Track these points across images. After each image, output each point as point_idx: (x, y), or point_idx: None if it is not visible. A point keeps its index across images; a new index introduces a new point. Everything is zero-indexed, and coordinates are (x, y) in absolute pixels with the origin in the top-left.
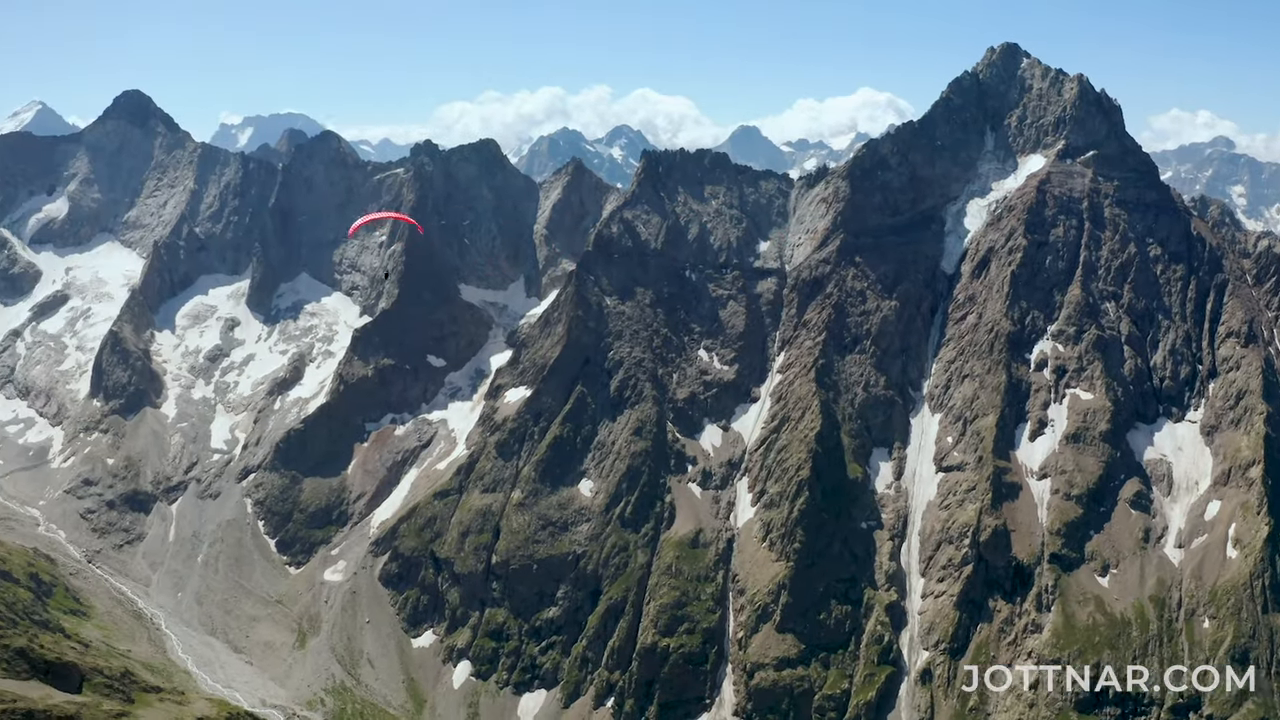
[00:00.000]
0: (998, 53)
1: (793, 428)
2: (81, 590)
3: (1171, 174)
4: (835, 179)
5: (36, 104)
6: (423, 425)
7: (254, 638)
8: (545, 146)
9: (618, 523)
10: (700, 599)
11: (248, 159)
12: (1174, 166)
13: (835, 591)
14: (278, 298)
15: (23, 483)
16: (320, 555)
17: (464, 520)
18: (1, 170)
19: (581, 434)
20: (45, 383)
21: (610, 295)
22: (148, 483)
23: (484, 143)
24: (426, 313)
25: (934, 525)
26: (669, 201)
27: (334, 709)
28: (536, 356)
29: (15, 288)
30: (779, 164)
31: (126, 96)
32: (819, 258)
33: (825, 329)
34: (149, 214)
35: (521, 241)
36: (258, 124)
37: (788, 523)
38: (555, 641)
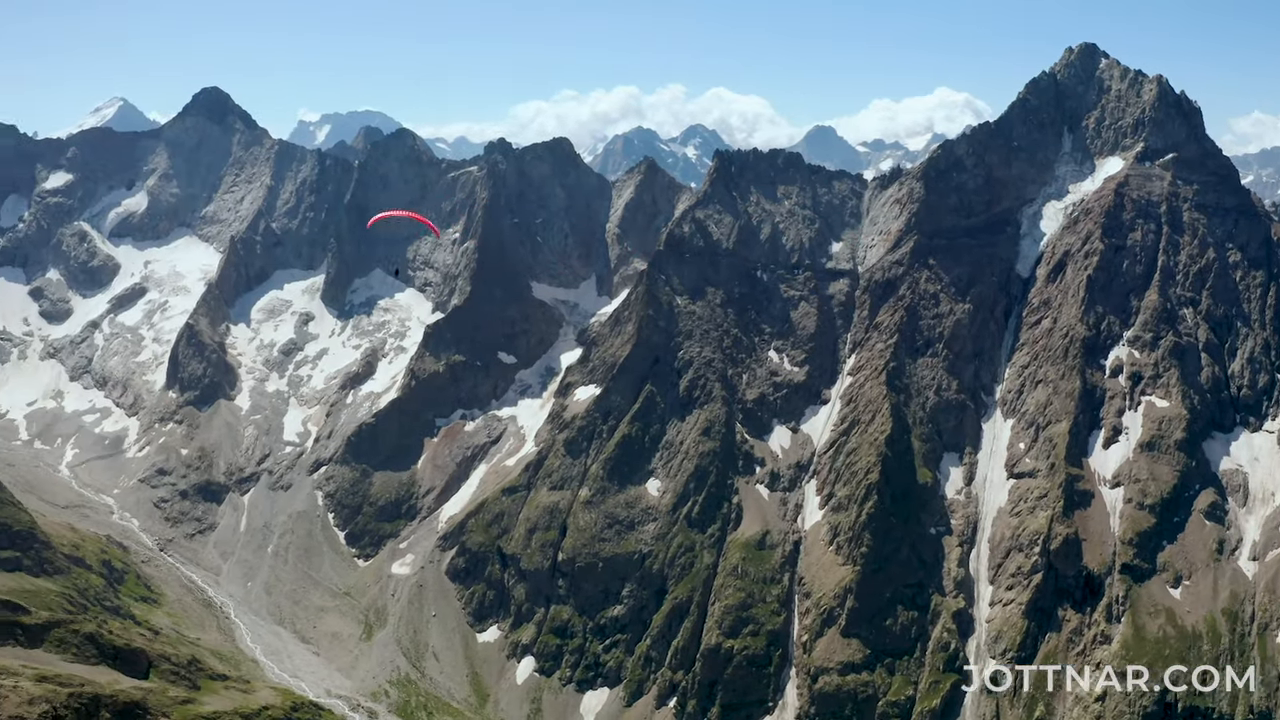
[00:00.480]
0: (1076, 53)
1: (862, 431)
2: (153, 578)
3: (1253, 178)
4: (910, 180)
5: (118, 100)
6: (492, 421)
7: (321, 628)
8: (620, 146)
9: (684, 523)
10: (765, 601)
11: (324, 156)
12: (1255, 171)
13: (902, 597)
14: (352, 293)
15: (98, 471)
16: (388, 548)
17: (531, 517)
18: (82, 165)
19: (650, 433)
20: (122, 373)
21: (681, 295)
22: (220, 473)
23: (557, 141)
24: (498, 310)
25: (1004, 532)
26: (741, 201)
27: (398, 701)
28: (606, 355)
29: (95, 280)
30: (854, 164)
31: (205, 94)
32: (892, 259)
33: (897, 331)
34: (226, 209)
35: (593, 240)
36: (335, 121)
37: (855, 526)
38: (619, 640)
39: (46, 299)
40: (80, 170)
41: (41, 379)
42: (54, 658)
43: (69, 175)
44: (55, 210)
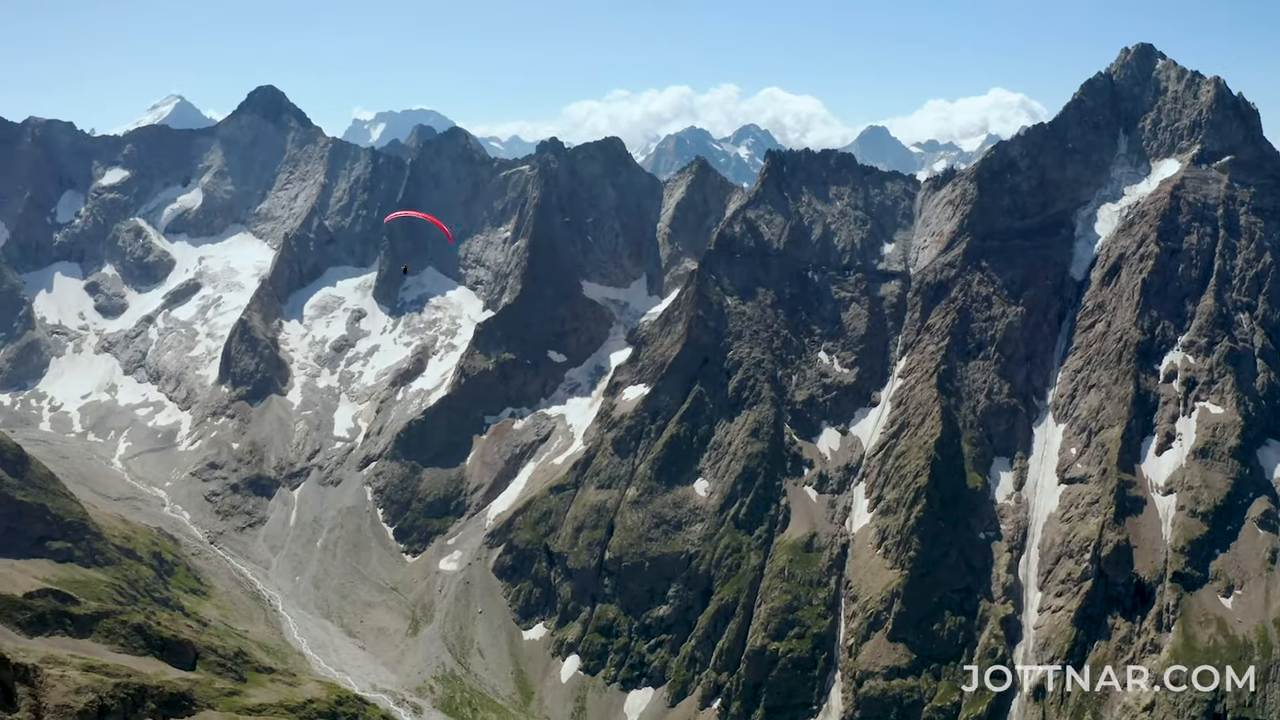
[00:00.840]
0: (1132, 54)
1: (912, 434)
2: (203, 570)
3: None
4: (963, 181)
5: (175, 98)
6: (541, 420)
7: (368, 623)
8: (672, 145)
9: (731, 524)
10: (812, 604)
11: (377, 154)
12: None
13: (950, 602)
14: (403, 290)
15: (150, 464)
16: (436, 544)
17: (579, 515)
18: (139, 162)
19: (698, 433)
20: (175, 368)
21: (731, 295)
22: (271, 468)
23: (609, 141)
24: (548, 308)
25: (1054, 538)
26: (793, 201)
27: (443, 696)
28: (656, 355)
29: (150, 275)
30: (908, 165)
31: (260, 92)
32: (944, 261)
33: (949, 334)
34: (280, 206)
35: (644, 239)
36: (390, 120)
37: (904, 530)
38: (664, 640)
39: (102, 294)
40: (136, 167)
41: (96, 373)
42: (102, 648)
43: (125, 172)
44: (111, 206)
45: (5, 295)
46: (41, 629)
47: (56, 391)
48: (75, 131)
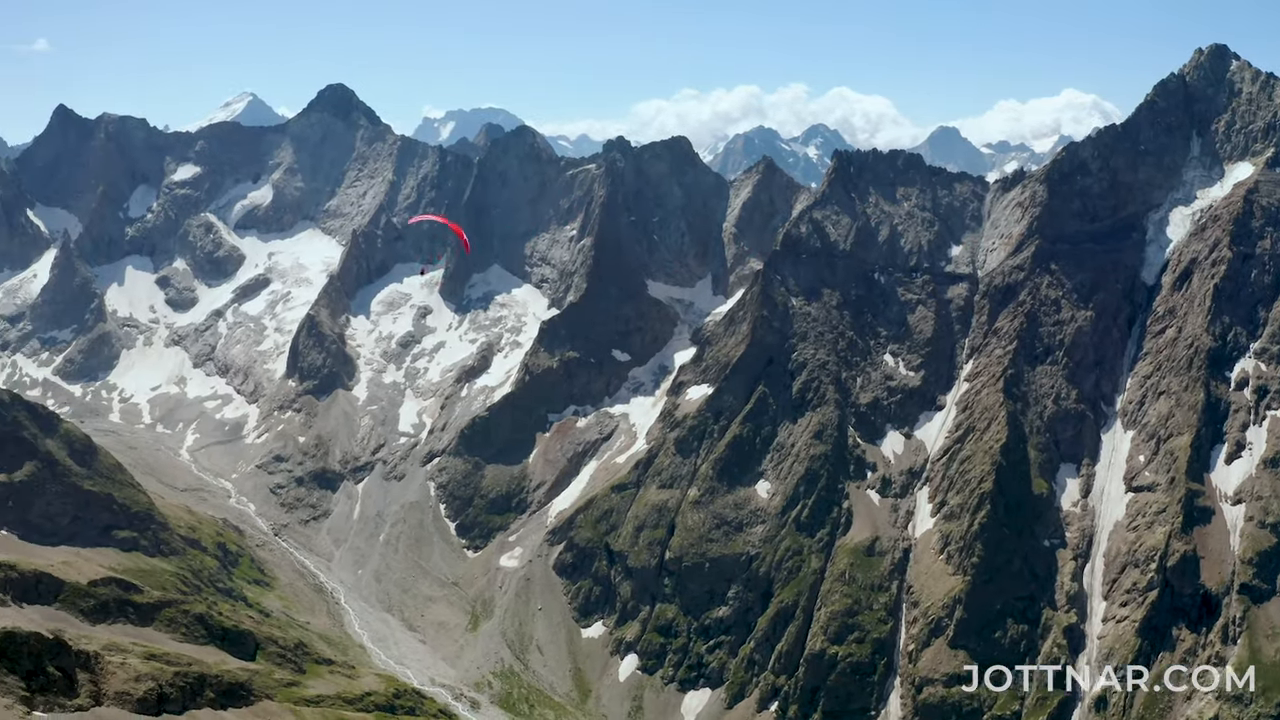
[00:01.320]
0: (1206, 55)
1: (978, 438)
2: (266, 562)
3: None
4: (1032, 183)
5: (247, 95)
6: (604, 418)
7: (428, 617)
8: (740, 145)
9: (793, 526)
10: (872, 608)
11: (445, 152)
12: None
13: (1012, 610)
14: (469, 288)
15: (217, 456)
16: (498, 541)
17: (640, 515)
18: (210, 158)
19: (761, 434)
20: (244, 361)
21: (796, 296)
22: (336, 462)
23: (675, 140)
24: (613, 307)
25: (1120, 547)
26: (860, 202)
27: (500, 692)
28: (720, 355)
29: (220, 270)
30: (979, 166)
31: (330, 90)
32: (1013, 264)
33: (1016, 338)
34: (349, 203)
35: (710, 239)
36: (459, 118)
37: (967, 536)
38: (723, 641)
39: (173, 287)
40: (208, 163)
41: (166, 365)
42: (164, 636)
43: (197, 168)
44: (183, 201)
45: (78, 288)
46: (104, 617)
47: (127, 383)
48: (148, 128)
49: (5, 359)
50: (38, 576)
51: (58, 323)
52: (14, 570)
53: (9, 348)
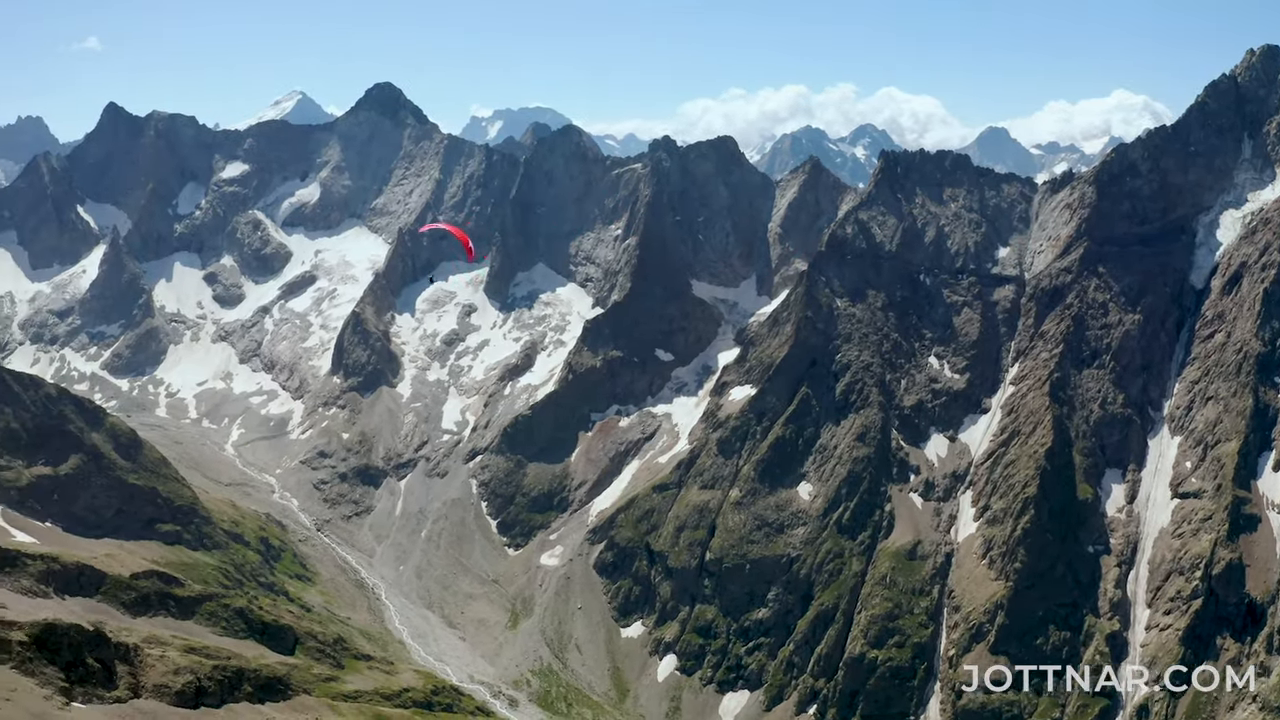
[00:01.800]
0: (1258, 55)
1: (1022, 442)
2: (309, 557)
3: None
4: (1081, 184)
5: (297, 94)
6: (647, 418)
7: (468, 614)
8: (787, 145)
9: (834, 528)
10: (913, 613)
11: (491, 151)
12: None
13: (1054, 616)
14: (514, 286)
15: (262, 451)
16: (538, 539)
17: (681, 515)
18: (258, 156)
19: (804, 436)
20: (289, 358)
21: (841, 297)
22: (379, 458)
23: (721, 140)
24: (657, 307)
25: (1165, 554)
26: (906, 203)
27: (539, 690)
28: (763, 355)
29: (267, 267)
30: (1027, 167)
31: (378, 89)
32: (1060, 266)
33: (1063, 341)
34: (395, 201)
35: (755, 239)
36: (507, 117)
37: (1010, 541)
38: (762, 643)
39: (220, 284)
40: (256, 161)
41: (212, 361)
42: (204, 630)
43: (245, 165)
44: (231, 199)
45: (126, 284)
46: (145, 609)
47: (173, 378)
48: (197, 126)
49: (54, 353)
50: (80, 569)
51: (106, 318)
52: (56, 562)
53: (58, 342)
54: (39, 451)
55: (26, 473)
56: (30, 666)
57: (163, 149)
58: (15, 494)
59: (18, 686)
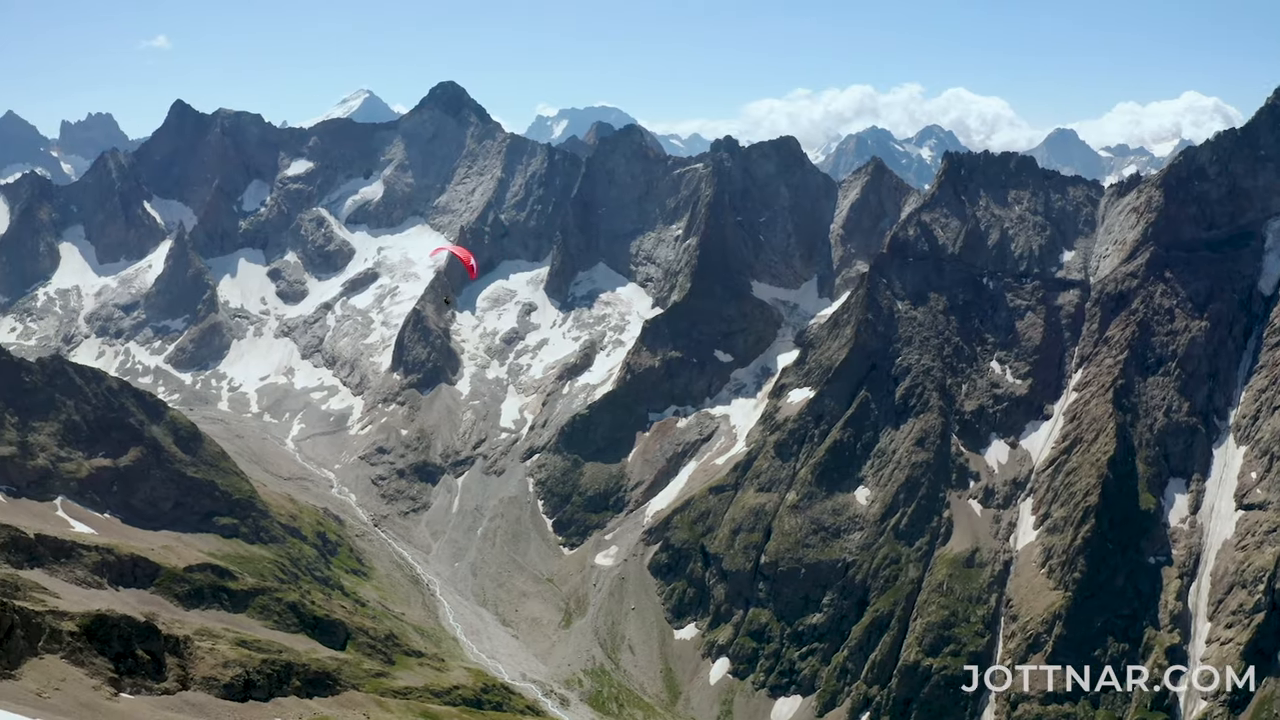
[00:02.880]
0: None
1: (1084, 450)
2: (365, 552)
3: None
4: (1148, 188)
5: (364, 92)
6: (704, 419)
7: (522, 612)
8: (852, 145)
9: (891, 534)
10: (970, 621)
11: (553, 150)
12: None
13: (1113, 627)
14: (574, 285)
15: (322, 446)
16: (594, 539)
17: (737, 517)
18: (323, 154)
19: (862, 440)
20: (350, 354)
21: (902, 299)
22: (437, 455)
23: (783, 140)
24: (717, 307)
25: (1227, 566)
26: (969, 205)
27: (590, 690)
28: (823, 358)
29: (330, 264)
30: (1096, 170)
31: (442, 87)
32: (1126, 271)
33: (1128, 347)
34: (458, 200)
35: (817, 240)
36: (572, 116)
37: (1070, 550)
38: (816, 648)
39: (284, 280)
40: (320, 159)
41: (275, 356)
42: (256, 623)
43: (310, 163)
44: (295, 196)
45: (191, 279)
46: (198, 602)
47: (236, 373)
48: (263, 124)
49: (119, 347)
50: (134, 560)
51: (171, 312)
52: (111, 554)
53: (123, 336)
54: (99, 444)
55: (87, 464)
56: (80, 657)
57: (228, 146)
58: (75, 485)
59: (67, 676)
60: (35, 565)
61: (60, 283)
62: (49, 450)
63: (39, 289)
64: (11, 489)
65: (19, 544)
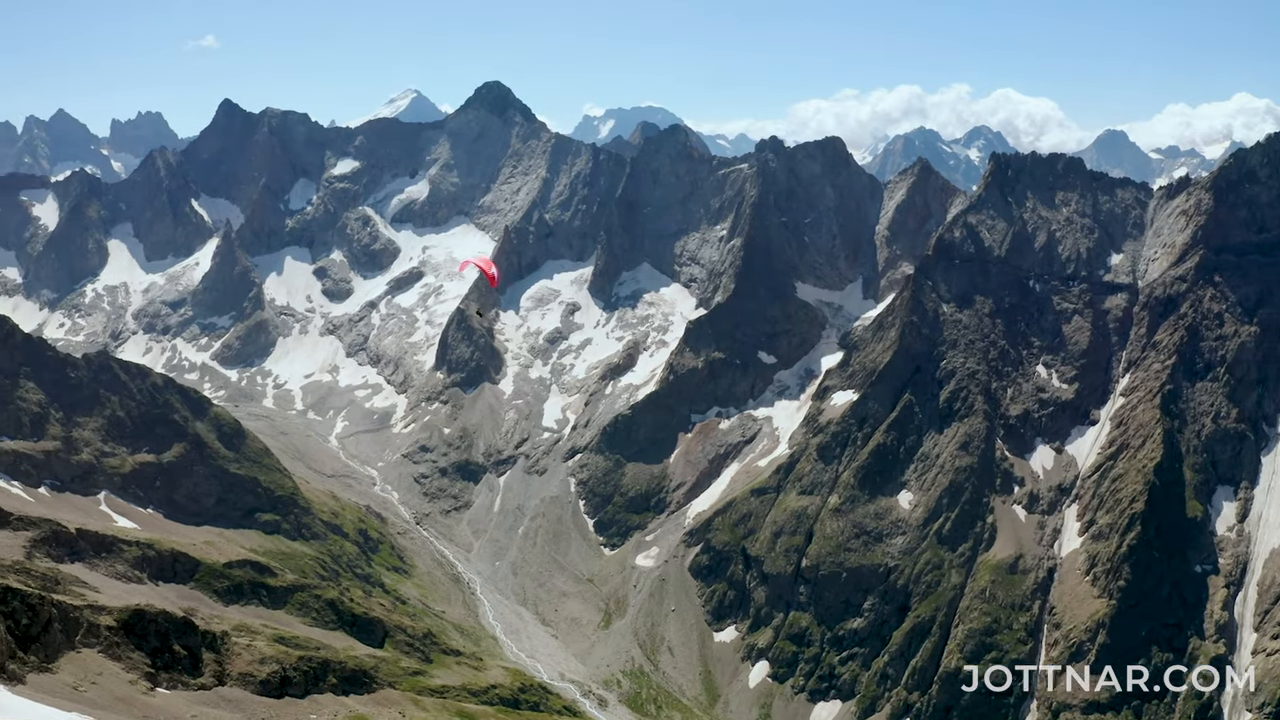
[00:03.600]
0: None
1: (1131, 456)
2: (406, 550)
3: None
4: (1198, 190)
5: (412, 92)
6: (747, 421)
7: (562, 612)
8: (900, 146)
9: (934, 539)
10: (1012, 628)
11: (598, 150)
12: None
13: (1158, 637)
14: (618, 285)
15: (365, 444)
16: (635, 539)
17: (778, 520)
18: (369, 153)
19: (905, 443)
20: (395, 352)
21: (947, 302)
22: (479, 454)
23: (829, 140)
24: (761, 308)
25: (1275, 576)
26: (1016, 207)
27: (629, 691)
28: (866, 360)
29: (375, 263)
30: (1146, 172)
31: (487, 87)
32: (1175, 274)
33: (1176, 352)
34: (503, 199)
35: (862, 242)
36: (619, 116)
37: (1115, 558)
38: (856, 653)
39: (329, 278)
40: (367, 158)
41: (320, 354)
42: (294, 620)
43: (356, 162)
44: (342, 195)
45: (238, 277)
46: (237, 598)
47: (281, 370)
48: (309, 123)
49: (166, 343)
50: (175, 556)
51: (217, 310)
52: (152, 549)
53: (170, 332)
54: (143, 439)
55: (130, 460)
56: (117, 651)
57: (275, 145)
58: (119, 480)
59: (104, 670)
60: (76, 560)
61: (108, 279)
62: (93, 445)
63: (87, 285)
64: (56, 483)
65: (60, 538)
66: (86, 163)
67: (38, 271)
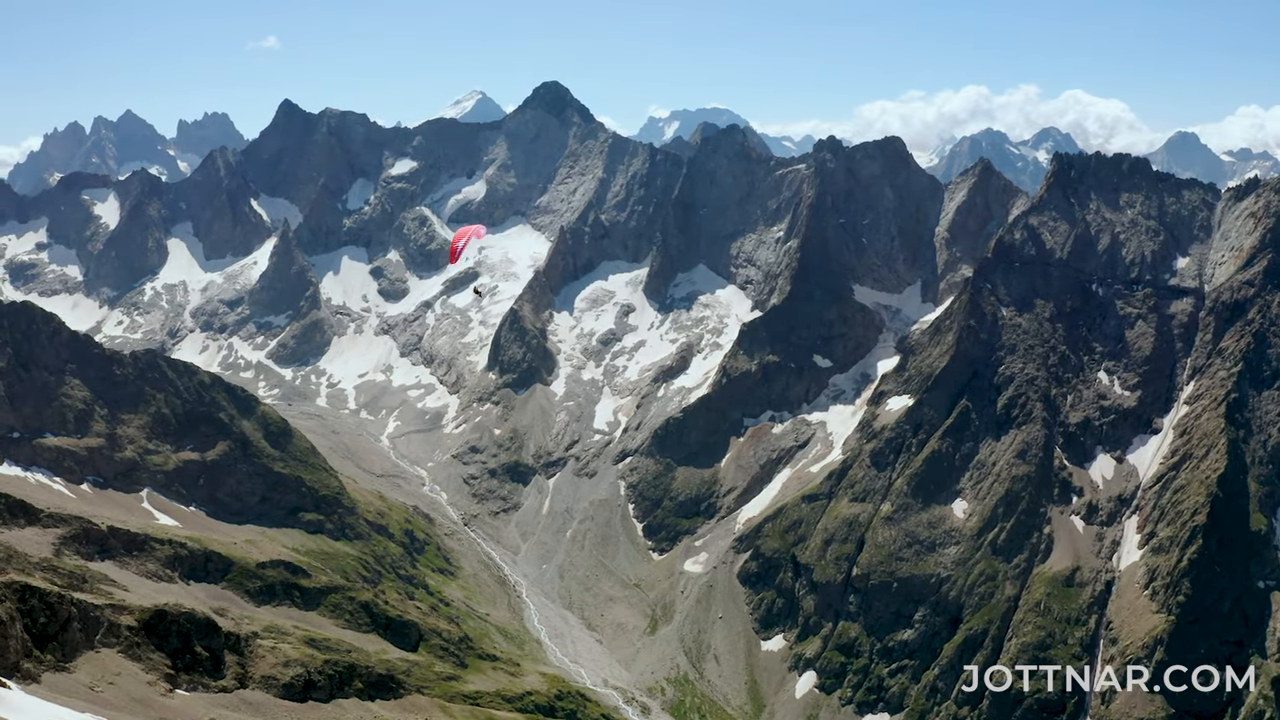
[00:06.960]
0: None
1: (1194, 467)
2: (453, 551)
3: None
4: (1267, 192)
5: (477, 93)
6: (800, 425)
7: (608, 617)
8: (966, 147)
9: (988, 549)
10: (1067, 643)
11: (655, 150)
12: None
13: (1217, 654)
14: (673, 287)
15: (415, 444)
16: (683, 545)
17: (829, 527)
18: (426, 153)
19: (961, 451)
20: (448, 353)
21: (1007, 306)
22: (529, 456)
23: (888, 140)
24: (817, 311)
25: None
26: (1079, 209)
27: (673, 699)
28: (923, 365)
29: (431, 263)
30: (1217, 174)
31: (545, 88)
32: (1242, 279)
33: (1243, 359)
34: (559, 200)
35: (921, 244)
36: (683, 118)
37: (1175, 572)
38: (906, 665)
39: (385, 278)
40: (424, 158)
41: (374, 353)
42: (327, 622)
43: (414, 163)
44: (399, 195)
45: (295, 276)
46: (269, 599)
47: (335, 369)
48: (368, 123)
49: (222, 341)
50: (207, 555)
51: (274, 308)
52: (184, 548)
53: (227, 330)
54: (187, 437)
55: (174, 457)
56: (137, 651)
57: (334, 146)
58: (162, 478)
59: (122, 671)
60: (107, 557)
61: (167, 278)
62: (137, 443)
63: (146, 283)
64: (99, 480)
65: (91, 536)
66: (153, 163)
67: (98, 269)
